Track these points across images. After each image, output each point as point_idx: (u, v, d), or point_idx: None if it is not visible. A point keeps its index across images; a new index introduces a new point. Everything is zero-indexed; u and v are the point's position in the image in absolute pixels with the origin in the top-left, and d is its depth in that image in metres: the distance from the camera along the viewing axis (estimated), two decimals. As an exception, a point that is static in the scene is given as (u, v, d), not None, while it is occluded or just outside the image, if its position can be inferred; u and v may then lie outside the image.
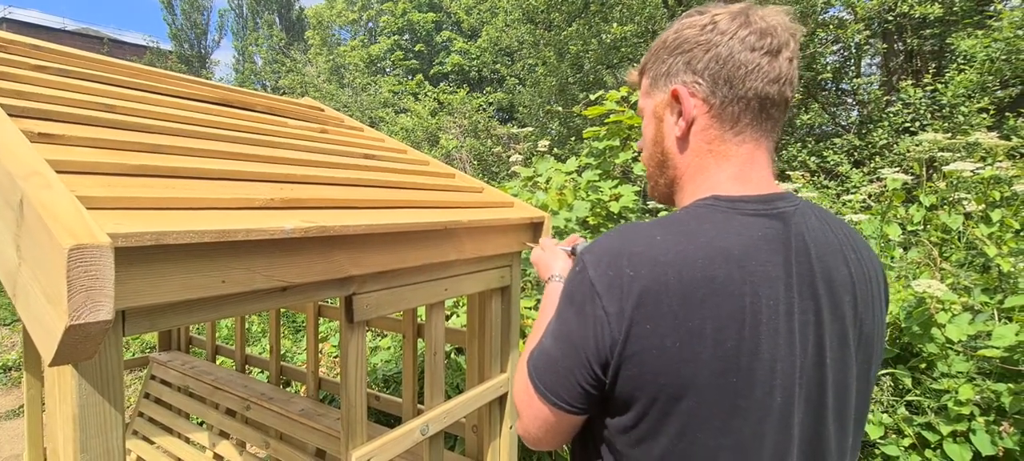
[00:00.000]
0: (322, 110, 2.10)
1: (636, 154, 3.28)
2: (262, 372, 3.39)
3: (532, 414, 0.71)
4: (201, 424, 2.62)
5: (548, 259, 1.16)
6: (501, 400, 1.62)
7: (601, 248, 0.66)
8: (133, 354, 5.09)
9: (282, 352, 4.12)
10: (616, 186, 3.21)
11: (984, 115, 5.29)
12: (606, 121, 3.39)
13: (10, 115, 0.86)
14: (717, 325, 0.59)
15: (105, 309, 0.59)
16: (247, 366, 2.87)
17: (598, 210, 3.17)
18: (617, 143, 3.38)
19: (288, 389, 3.04)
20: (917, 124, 5.87)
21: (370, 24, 20.63)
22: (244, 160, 1.14)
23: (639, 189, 3.58)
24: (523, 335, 0.99)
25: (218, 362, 2.99)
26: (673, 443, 0.61)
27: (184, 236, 0.72)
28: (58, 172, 0.75)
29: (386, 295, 1.16)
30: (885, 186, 3.15)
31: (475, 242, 1.38)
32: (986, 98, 5.42)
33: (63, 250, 0.56)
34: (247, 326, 4.83)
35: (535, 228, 1.61)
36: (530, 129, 7.81)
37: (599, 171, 3.35)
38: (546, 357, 0.69)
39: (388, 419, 2.75)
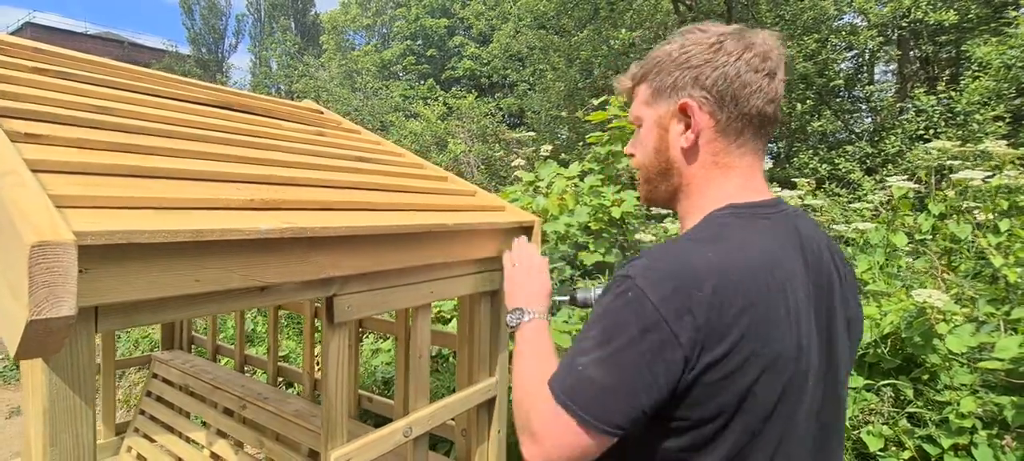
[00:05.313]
0: (321, 113, 2.12)
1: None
2: (263, 372, 3.42)
3: (566, 442, 0.68)
4: (202, 423, 2.65)
5: (531, 287, 1.09)
6: (490, 404, 1.61)
7: (656, 271, 0.66)
8: (143, 351, 5.17)
9: (285, 353, 4.15)
10: (619, 191, 3.20)
11: (1000, 123, 5.20)
12: (609, 126, 3.38)
13: (-3, 115, 0.88)
14: (775, 324, 0.66)
15: (67, 305, 0.60)
16: (249, 366, 2.90)
17: (600, 215, 3.16)
18: (620, 148, 3.37)
19: (289, 389, 3.07)
20: (931, 132, 5.78)
21: (383, 29, 20.84)
22: (229, 161, 1.16)
23: (642, 195, 3.57)
24: (512, 338, 0.98)
25: (222, 362, 3.02)
26: (737, 439, 0.66)
27: (156, 235, 0.73)
28: (37, 171, 0.77)
29: (368, 297, 1.16)
30: (892, 194, 3.10)
31: (462, 245, 1.38)
32: (1001, 105, 5.32)
33: (25, 247, 0.57)
34: (252, 327, 4.87)
35: (525, 233, 1.60)
36: (534, 134, 7.83)
37: (602, 176, 3.34)
38: (594, 386, 0.67)
39: (385, 421, 2.76)
